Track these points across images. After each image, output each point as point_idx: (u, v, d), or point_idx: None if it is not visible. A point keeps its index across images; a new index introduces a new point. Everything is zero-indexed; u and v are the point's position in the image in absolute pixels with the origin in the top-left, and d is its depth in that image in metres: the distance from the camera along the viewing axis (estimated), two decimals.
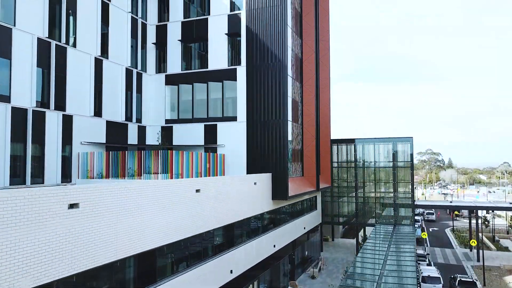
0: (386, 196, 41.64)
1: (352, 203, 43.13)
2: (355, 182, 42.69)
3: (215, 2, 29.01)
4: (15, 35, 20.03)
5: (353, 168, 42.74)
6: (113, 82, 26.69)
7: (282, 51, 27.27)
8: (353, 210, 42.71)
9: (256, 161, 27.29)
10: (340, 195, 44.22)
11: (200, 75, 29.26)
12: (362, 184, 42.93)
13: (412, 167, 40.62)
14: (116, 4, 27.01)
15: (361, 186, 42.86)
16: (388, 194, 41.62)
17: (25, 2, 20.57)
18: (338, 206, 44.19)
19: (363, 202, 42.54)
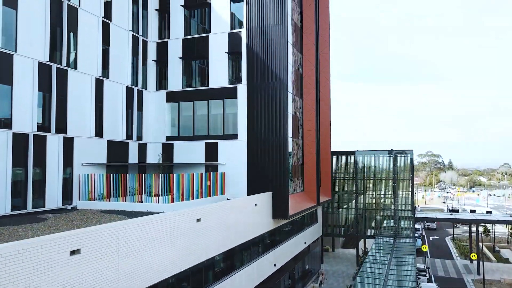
0: (386, 208, 41.66)
1: (353, 215, 43.15)
2: (355, 195, 42.71)
3: (216, 20, 29.03)
4: (16, 61, 20.08)
5: (353, 180, 42.75)
6: (114, 101, 26.74)
7: (283, 70, 27.29)
8: (354, 222, 42.72)
9: (257, 179, 27.31)
10: (340, 206, 44.26)
11: (201, 93, 29.30)
12: (362, 196, 42.95)
13: (412, 179, 40.65)
14: (116, 23, 27.04)
15: (362, 198, 42.88)
16: (389, 206, 41.64)
17: (26, 27, 20.62)
18: (339, 217, 44.23)
19: (364, 215, 42.55)
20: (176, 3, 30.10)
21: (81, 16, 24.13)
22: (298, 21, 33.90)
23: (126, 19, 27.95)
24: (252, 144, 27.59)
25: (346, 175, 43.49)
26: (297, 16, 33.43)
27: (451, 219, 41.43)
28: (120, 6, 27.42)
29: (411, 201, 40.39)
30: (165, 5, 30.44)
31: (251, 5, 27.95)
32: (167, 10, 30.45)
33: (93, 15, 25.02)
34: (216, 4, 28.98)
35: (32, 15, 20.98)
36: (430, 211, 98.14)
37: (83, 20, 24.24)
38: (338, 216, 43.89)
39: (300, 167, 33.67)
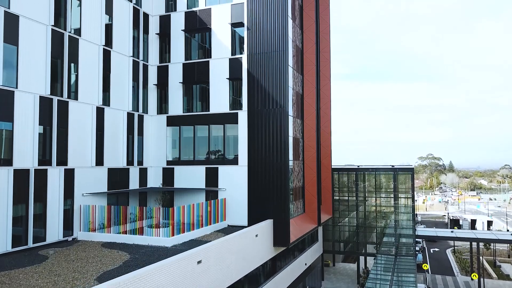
0: (387, 226, 41.63)
1: (353, 232, 43.11)
2: (356, 212, 42.69)
3: (217, 45, 29.02)
4: (17, 97, 20.08)
5: (354, 197, 42.71)
6: (115, 128, 26.74)
7: (284, 96, 27.28)
8: (355, 240, 42.68)
9: (258, 205, 27.31)
10: (341, 222, 44.22)
11: (202, 118, 29.29)
12: (363, 213, 42.92)
13: (413, 197, 40.64)
14: (117, 50, 27.04)
15: (362, 214, 42.84)
16: (389, 224, 41.61)
17: (27, 62, 20.62)
18: (340, 234, 44.17)
19: (365, 232, 42.52)
20: (176, 28, 30.10)
21: (81, 46, 24.13)
22: (299, 42, 33.88)
23: (127, 45, 27.96)
24: (253, 169, 27.58)
25: (346, 192, 43.44)
26: (297, 37, 33.41)
27: (452, 237, 41.41)
28: (121, 32, 27.43)
29: (412, 218, 40.36)
30: (166, 29, 30.43)
31: (252, 31, 27.95)
32: (167, 34, 30.45)
33: (93, 44, 25.03)
34: (217, 29, 28.98)
35: (33, 49, 20.98)
36: (431, 218, 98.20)
37: (84, 50, 24.25)
38: (339, 233, 43.83)
39: (301, 189, 33.65)
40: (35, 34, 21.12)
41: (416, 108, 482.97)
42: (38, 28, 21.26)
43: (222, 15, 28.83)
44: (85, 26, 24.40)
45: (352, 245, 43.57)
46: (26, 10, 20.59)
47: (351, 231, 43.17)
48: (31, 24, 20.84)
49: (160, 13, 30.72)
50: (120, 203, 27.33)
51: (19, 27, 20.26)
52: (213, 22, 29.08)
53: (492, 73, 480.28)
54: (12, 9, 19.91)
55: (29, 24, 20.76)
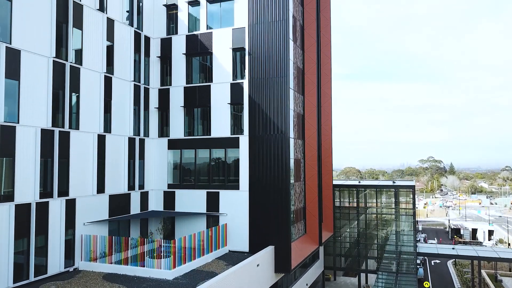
0: (388, 243, 41.60)
1: (354, 247, 43.08)
2: (357, 227, 42.67)
3: (218, 70, 29.00)
4: (18, 132, 20.09)
5: (355, 213, 42.70)
6: (116, 154, 26.73)
7: (285, 122, 27.27)
8: (355, 251, 42.64)
9: (259, 231, 27.29)
10: (342, 237, 44.20)
11: (203, 142, 29.27)
12: (364, 229, 42.88)
13: (414, 215, 40.61)
14: (118, 75, 27.04)
15: (363, 230, 42.81)
16: (390, 237, 41.59)
17: (29, 96, 20.62)
18: (341, 248, 44.14)
19: (366, 248, 42.49)
20: (178, 51, 30.09)
21: (83, 75, 24.13)
22: (300, 63, 33.86)
23: (128, 69, 27.96)
24: (254, 195, 27.56)
25: (347, 208, 43.41)
26: (298, 58, 33.39)
27: (454, 256, 41.36)
28: (122, 57, 27.43)
29: (413, 236, 40.32)
30: (167, 53, 30.42)
31: (253, 56, 27.94)
32: (169, 57, 30.44)
33: (95, 71, 25.03)
34: (218, 53, 28.96)
35: (35, 83, 20.99)
36: (432, 225, 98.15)
37: (85, 79, 24.24)
38: (340, 248, 43.79)
39: (302, 209, 33.63)
40: (37, 67, 21.12)
41: (416, 108, 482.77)
42: (39, 61, 21.27)
43: (223, 39, 28.82)
44: (86, 54, 24.41)
45: (352, 259, 43.53)
46: (28, 44, 20.60)
47: (352, 247, 43.13)
48: (32, 57, 20.85)
49: (161, 36, 30.71)
50: (121, 229, 27.37)
51: (21, 62, 20.27)
52: (214, 46, 29.07)
53: (492, 73, 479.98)
54: (14, 44, 19.91)
55: (31, 57, 20.77)
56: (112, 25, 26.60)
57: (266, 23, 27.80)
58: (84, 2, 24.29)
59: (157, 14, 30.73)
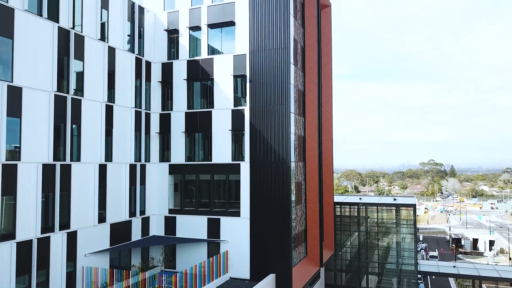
0: (389, 261, 41.58)
1: (355, 263, 43.06)
2: (357, 244, 42.64)
3: (219, 96, 29.00)
4: (20, 170, 20.10)
5: (356, 231, 42.67)
6: (117, 182, 26.75)
7: (286, 148, 27.28)
8: (356, 263, 42.62)
9: (260, 258, 27.29)
10: (343, 252, 44.19)
11: (204, 167, 29.28)
12: (365, 246, 42.85)
13: (415, 234, 40.57)
14: (119, 103, 27.07)
15: (364, 248, 42.79)
16: (391, 259, 41.58)
17: (31, 132, 20.64)
18: (342, 265, 44.11)
19: (366, 266, 42.46)
20: (179, 76, 30.11)
21: (84, 106, 24.16)
22: (301, 85, 33.84)
23: (129, 96, 27.99)
24: (255, 221, 27.56)
25: (348, 225, 43.38)
26: (299, 80, 33.38)
27: (455, 275, 41.35)
28: (123, 84, 27.44)
29: (414, 255, 40.27)
30: (168, 77, 30.44)
31: (254, 83, 27.95)
32: (170, 82, 30.45)
33: (96, 101, 25.05)
34: (219, 79, 28.97)
35: (36, 118, 21.03)
36: (433, 233, 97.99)
37: (86, 110, 24.27)
38: (341, 262, 43.75)
39: (303, 232, 33.62)
40: (38, 102, 21.16)
41: (416, 108, 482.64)
42: (41, 96, 21.31)
43: (224, 66, 28.82)
44: (87, 85, 24.44)
45: (353, 275, 43.48)
46: (29, 81, 20.64)
47: (353, 263, 43.09)
48: (34, 93, 20.89)
49: (162, 60, 30.72)
50: (122, 256, 27.41)
51: (22, 99, 20.31)
52: (216, 72, 29.08)
53: (492, 73, 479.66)
54: (15, 82, 19.94)
55: (32, 94, 20.81)
56: (114, 53, 26.63)
57: (267, 50, 27.81)
58: (86, 33, 24.32)
59: (158, 39, 30.74)
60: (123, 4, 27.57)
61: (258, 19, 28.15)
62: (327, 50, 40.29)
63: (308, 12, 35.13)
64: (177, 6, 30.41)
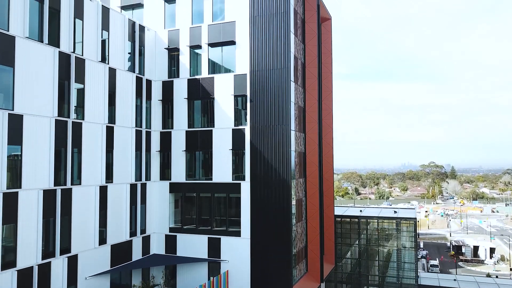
0: (389, 275, 41.59)
1: (354, 274, 43.07)
2: (358, 260, 42.64)
3: (220, 115, 29.00)
4: (21, 197, 20.12)
5: (357, 245, 42.68)
6: (118, 203, 26.77)
7: (287, 167, 27.29)
8: (356, 282, 42.64)
9: (261, 279, 27.29)
10: (343, 263, 44.20)
11: (204, 186, 29.29)
12: (365, 258, 42.86)
13: (415, 248, 40.56)
14: (120, 123, 27.08)
15: (365, 260, 42.80)
16: (392, 274, 41.57)
17: (32, 159, 20.65)
18: (342, 276, 44.11)
19: (367, 279, 42.46)
20: (179, 95, 30.12)
21: (85, 130, 24.17)
22: (301, 101, 33.84)
23: (130, 116, 28.00)
24: (256, 242, 27.56)
25: (349, 239, 43.38)
26: (300, 97, 33.38)
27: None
28: (124, 105, 27.45)
29: (415, 270, 40.26)
30: (169, 96, 30.46)
31: (255, 103, 27.96)
32: (170, 100, 30.47)
33: (97, 123, 25.07)
34: (220, 99, 28.97)
35: (37, 144, 21.04)
36: (433, 239, 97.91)
37: (87, 132, 24.29)
38: (341, 277, 43.77)
39: (304, 248, 33.62)
40: (39, 128, 21.18)
41: (416, 108, 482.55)
42: (42, 122, 21.32)
43: (225, 85, 28.82)
44: (88, 108, 24.45)
45: (353, 286, 43.48)
46: (30, 108, 20.66)
47: (353, 275, 43.10)
48: (35, 120, 20.91)
49: (163, 78, 30.74)
50: (123, 276, 27.44)
51: (23, 126, 20.32)
52: (216, 91, 29.09)
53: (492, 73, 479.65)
54: (16, 110, 19.96)
55: (33, 120, 20.83)
56: (114, 74, 26.65)
57: (267, 69, 27.80)
58: (86, 56, 24.34)
59: (159, 57, 30.76)
60: (124, 24, 27.59)
61: (259, 38, 28.16)
62: (328, 63, 40.31)
63: (308, 28, 35.14)
64: (178, 25, 30.43)
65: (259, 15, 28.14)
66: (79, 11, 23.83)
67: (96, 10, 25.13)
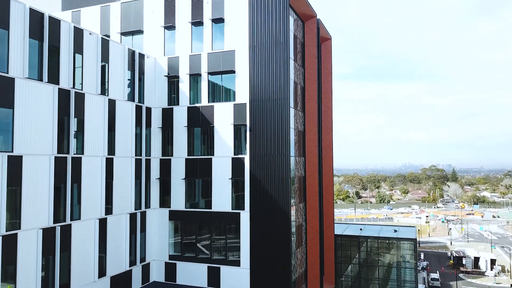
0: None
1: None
2: (358, 279, 42.64)
3: (219, 143, 28.99)
4: (20, 238, 20.12)
5: (357, 264, 42.66)
6: (118, 234, 26.75)
7: (286, 197, 27.26)
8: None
9: None
10: (343, 286, 44.19)
11: (204, 215, 29.28)
12: (365, 278, 42.85)
13: (415, 268, 40.53)
14: (120, 154, 27.08)
15: (364, 280, 42.79)
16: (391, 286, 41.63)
17: (31, 199, 20.65)
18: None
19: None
20: (179, 122, 30.13)
21: (84, 164, 24.18)
22: (301, 126, 33.84)
23: (130, 146, 28.00)
24: (256, 271, 27.54)
25: (349, 258, 43.37)
26: (299, 122, 33.38)
27: None
28: (124, 135, 27.44)
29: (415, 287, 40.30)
30: (169, 123, 30.46)
31: (255, 132, 27.96)
32: (170, 127, 30.47)
33: (96, 156, 25.08)
34: (220, 127, 28.97)
35: (36, 184, 21.03)
36: (434, 248, 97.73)
37: (86, 166, 24.29)
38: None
39: (304, 273, 33.62)
40: (39, 167, 21.18)
41: (417, 108, 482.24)
42: (41, 161, 21.33)
43: (224, 114, 28.82)
44: (88, 141, 24.47)
45: None
46: (29, 148, 20.66)
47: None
48: (34, 159, 20.91)
49: (162, 105, 30.76)
50: None
51: (23, 167, 20.32)
52: (216, 120, 29.09)
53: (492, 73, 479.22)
54: (16, 151, 19.97)
55: (33, 159, 20.83)
56: (114, 105, 26.67)
57: (267, 99, 27.77)
58: (86, 90, 24.37)
59: (159, 84, 30.78)
60: (124, 54, 27.60)
61: (258, 67, 28.15)
62: (327, 83, 40.35)
63: (308, 51, 35.17)
64: (177, 52, 30.44)
65: (258, 44, 28.14)
66: (78, 46, 23.85)
67: (96, 43, 25.14)
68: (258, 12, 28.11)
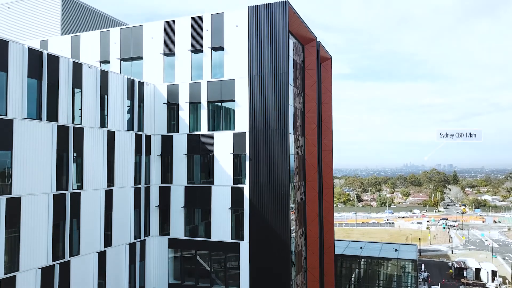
0: None
1: None
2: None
3: (219, 172, 28.92)
4: (18, 280, 20.06)
5: (357, 284, 42.61)
6: (117, 265, 26.65)
7: (286, 226, 27.19)
8: None
9: None
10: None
11: (203, 244, 29.20)
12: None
13: (416, 284, 40.45)
14: (119, 185, 27.01)
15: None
16: None
17: (29, 240, 20.59)
18: None
19: None
20: (179, 150, 30.06)
21: (84, 198, 24.12)
22: (301, 150, 33.76)
23: (129, 176, 27.93)
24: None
25: (349, 278, 43.32)
26: (300, 147, 33.31)
27: None
28: (123, 165, 27.36)
29: None
30: (168, 151, 30.39)
31: (254, 162, 27.86)
32: (170, 155, 30.40)
33: (95, 190, 25.02)
34: (219, 156, 28.89)
35: (35, 222, 20.96)
36: (434, 257, 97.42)
37: (85, 201, 24.23)
38: None
39: None
40: (37, 206, 21.12)
41: (417, 108, 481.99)
42: (40, 200, 21.27)
43: (224, 143, 28.74)
44: (87, 175, 24.40)
45: None
46: (28, 188, 20.60)
47: None
48: (32, 199, 20.85)
49: (162, 133, 30.69)
50: None
51: (21, 208, 20.26)
52: (216, 148, 29.02)
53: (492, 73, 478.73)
54: (14, 193, 19.91)
55: (31, 199, 20.77)
56: (113, 136, 26.61)
57: (267, 128, 27.65)
58: (85, 124, 24.31)
59: (158, 112, 30.71)
60: (123, 84, 27.54)
61: (258, 96, 28.04)
62: (327, 103, 40.21)
63: (307, 74, 35.09)
64: (177, 79, 30.38)
65: (258, 72, 28.04)
66: (77, 81, 23.80)
67: (95, 76, 25.09)
68: (258, 41, 28.01)
